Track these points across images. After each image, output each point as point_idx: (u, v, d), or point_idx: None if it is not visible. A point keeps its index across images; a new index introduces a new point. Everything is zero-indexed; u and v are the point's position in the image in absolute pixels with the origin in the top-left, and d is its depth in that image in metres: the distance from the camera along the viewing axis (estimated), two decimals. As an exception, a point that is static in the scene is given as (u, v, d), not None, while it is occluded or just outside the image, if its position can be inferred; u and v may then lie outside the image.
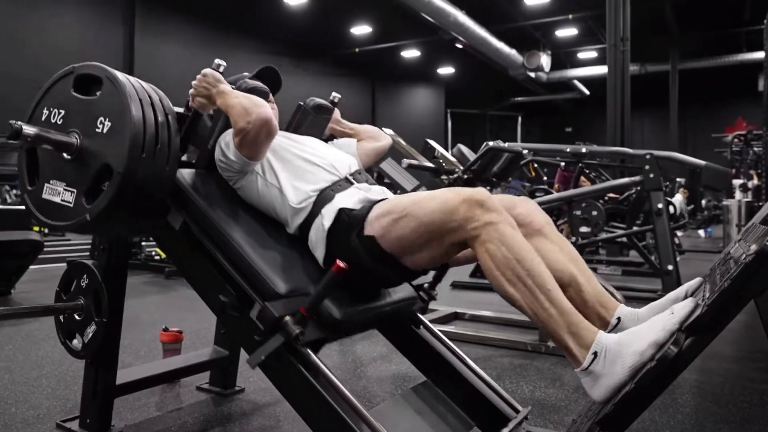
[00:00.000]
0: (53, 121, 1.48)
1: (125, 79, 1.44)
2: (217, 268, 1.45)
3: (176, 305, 4.15)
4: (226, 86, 1.55)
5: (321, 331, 1.40)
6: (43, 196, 1.49)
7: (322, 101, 1.89)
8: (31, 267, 4.27)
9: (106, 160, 1.39)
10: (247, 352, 1.37)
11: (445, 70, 19.94)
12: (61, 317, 1.79)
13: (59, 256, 6.09)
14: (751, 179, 8.99)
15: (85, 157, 1.43)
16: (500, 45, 14.89)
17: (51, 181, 1.49)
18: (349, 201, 1.48)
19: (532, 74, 16.74)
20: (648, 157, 4.11)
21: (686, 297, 1.28)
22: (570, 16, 14.48)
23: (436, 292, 1.82)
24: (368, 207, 1.44)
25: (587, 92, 19.71)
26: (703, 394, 2.32)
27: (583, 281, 1.37)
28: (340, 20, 15.44)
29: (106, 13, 12.46)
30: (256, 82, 1.70)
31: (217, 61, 1.58)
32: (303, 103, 1.85)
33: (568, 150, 4.99)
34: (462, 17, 12.77)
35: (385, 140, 1.95)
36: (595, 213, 4.55)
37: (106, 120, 1.41)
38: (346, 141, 1.90)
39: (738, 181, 8.71)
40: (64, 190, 1.46)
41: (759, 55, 15.69)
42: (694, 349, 1.08)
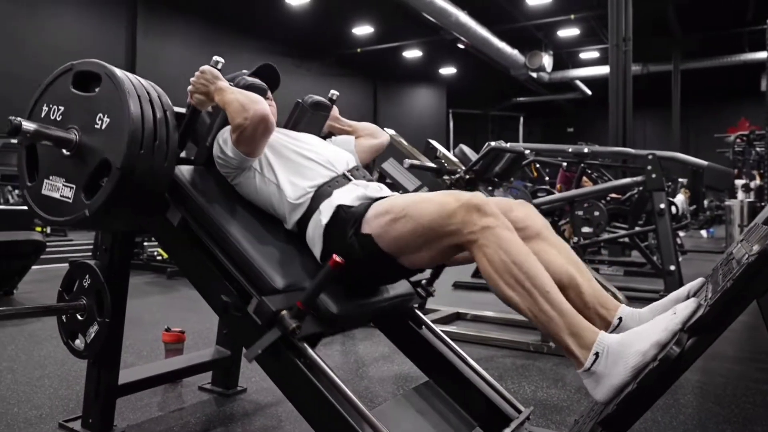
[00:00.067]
0: (53, 118, 1.49)
1: (124, 76, 1.45)
2: (216, 263, 1.46)
3: (178, 305, 4.15)
4: (224, 83, 1.55)
5: (318, 326, 1.41)
6: (43, 191, 1.50)
7: (321, 98, 1.89)
8: (34, 267, 4.28)
9: (105, 156, 1.40)
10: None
11: (447, 71, 19.93)
12: (63, 317, 1.79)
13: (61, 256, 6.09)
14: (754, 179, 8.98)
15: (84, 153, 1.43)
16: (502, 45, 14.89)
17: (50, 177, 1.49)
18: (347, 198, 1.49)
19: (534, 74, 16.73)
20: (650, 157, 4.11)
21: (688, 297, 1.28)
22: (572, 16, 14.47)
23: (434, 289, 1.83)
24: (366, 205, 1.44)
25: (589, 92, 19.69)
26: (706, 394, 2.31)
27: (582, 283, 1.37)
28: (341, 20, 15.44)
29: (107, 14, 12.46)
30: (254, 79, 1.70)
31: (215, 58, 1.58)
32: (301, 100, 1.86)
33: (570, 150, 4.99)
34: (464, 17, 12.77)
35: (383, 137, 1.95)
36: (597, 213, 4.55)
37: (105, 116, 1.42)
38: (345, 138, 1.90)
39: (740, 182, 8.70)
40: (64, 185, 1.46)
41: (761, 55, 15.67)
42: (696, 350, 1.08)
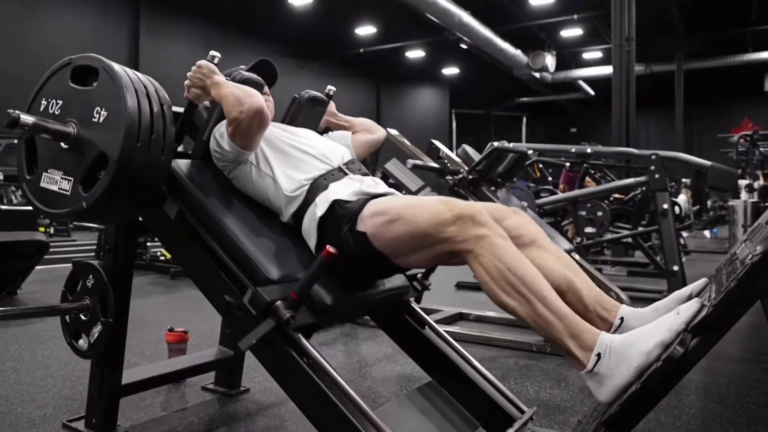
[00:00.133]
0: (51, 112, 1.50)
1: (121, 70, 1.46)
2: (213, 256, 1.47)
3: (181, 305, 4.16)
4: (221, 77, 1.56)
5: (313, 317, 1.41)
6: (42, 184, 1.51)
7: (317, 94, 1.90)
8: (37, 267, 4.29)
9: (102, 149, 1.41)
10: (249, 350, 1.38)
11: (450, 71, 19.93)
12: (67, 317, 1.80)
13: (65, 256, 6.11)
14: (757, 180, 8.96)
15: (82, 146, 1.44)
16: (505, 45, 14.89)
17: (49, 170, 1.50)
18: (344, 192, 1.49)
19: (537, 74, 16.72)
20: (653, 157, 4.10)
21: (691, 297, 1.28)
22: (575, 17, 14.47)
23: (429, 283, 1.84)
24: (363, 201, 1.45)
25: (592, 92, 19.68)
26: (709, 395, 2.31)
27: (581, 286, 1.37)
28: (344, 21, 15.46)
29: (108, 14, 12.49)
30: (250, 74, 1.71)
31: (212, 53, 1.59)
32: (298, 95, 1.87)
33: (573, 150, 4.99)
34: (467, 17, 12.78)
35: (380, 132, 1.96)
36: (600, 213, 4.54)
37: (102, 110, 1.43)
38: (341, 133, 1.91)
39: (744, 182, 8.67)
40: (62, 178, 1.47)
41: (765, 55, 15.68)
42: (700, 350, 1.08)
